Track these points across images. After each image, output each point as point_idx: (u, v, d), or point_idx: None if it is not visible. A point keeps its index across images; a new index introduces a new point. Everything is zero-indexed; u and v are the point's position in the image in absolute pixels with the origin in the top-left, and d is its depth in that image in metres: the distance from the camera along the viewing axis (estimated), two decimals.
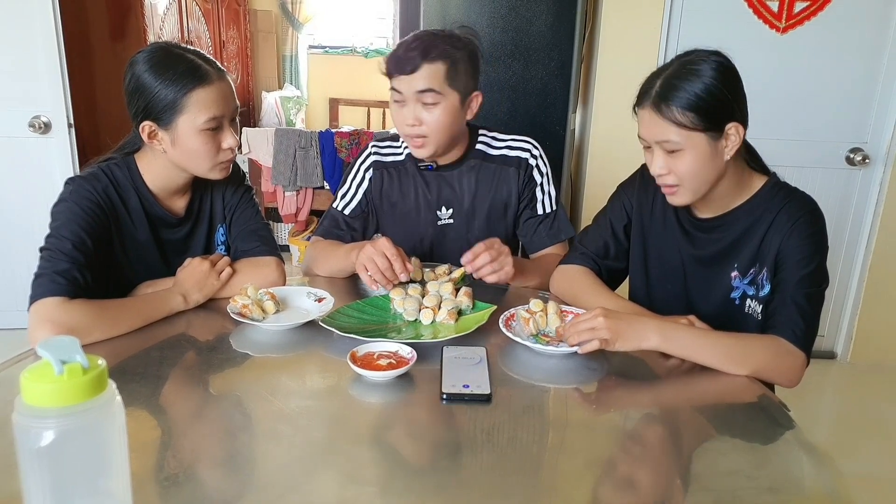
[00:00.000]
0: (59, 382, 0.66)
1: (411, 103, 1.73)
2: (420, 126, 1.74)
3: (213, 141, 1.53)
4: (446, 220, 1.93)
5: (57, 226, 1.44)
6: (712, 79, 1.35)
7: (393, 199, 1.94)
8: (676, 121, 1.36)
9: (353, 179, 1.95)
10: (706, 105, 1.35)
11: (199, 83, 1.49)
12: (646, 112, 1.41)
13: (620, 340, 1.31)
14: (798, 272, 1.39)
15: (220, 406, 1.19)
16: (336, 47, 6.93)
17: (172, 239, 1.66)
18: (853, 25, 3.19)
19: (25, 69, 3.22)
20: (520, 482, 0.98)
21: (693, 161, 1.39)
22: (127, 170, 1.57)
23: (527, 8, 3.07)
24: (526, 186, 1.92)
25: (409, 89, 1.71)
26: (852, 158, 3.32)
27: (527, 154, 1.91)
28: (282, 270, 1.69)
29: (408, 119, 1.73)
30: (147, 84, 1.48)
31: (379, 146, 1.96)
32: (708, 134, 1.37)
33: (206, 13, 5.40)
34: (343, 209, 1.94)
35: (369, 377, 1.23)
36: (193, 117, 1.49)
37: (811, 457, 1.07)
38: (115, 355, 1.32)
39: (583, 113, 3.54)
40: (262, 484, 0.96)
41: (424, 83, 1.70)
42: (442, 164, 1.89)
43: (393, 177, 1.93)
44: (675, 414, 1.23)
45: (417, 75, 1.70)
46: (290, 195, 4.74)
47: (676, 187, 1.44)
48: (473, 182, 1.91)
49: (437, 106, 1.72)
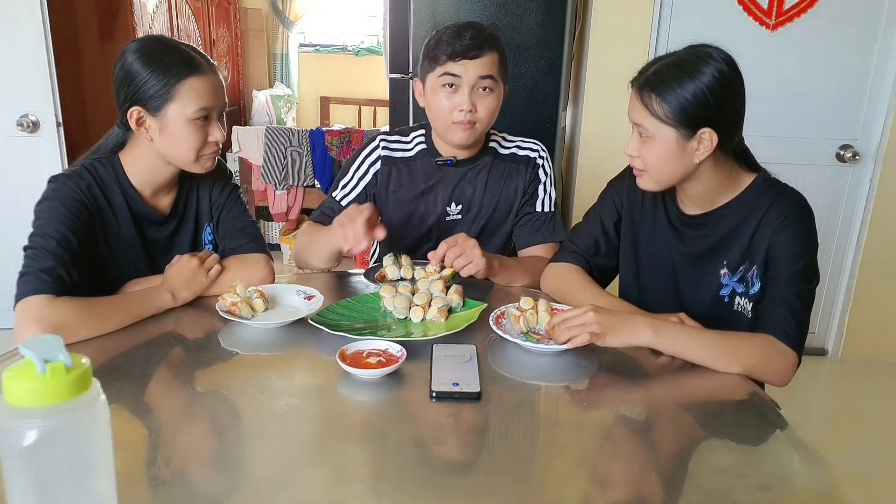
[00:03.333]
0: (42, 382, 0.65)
1: (467, 88, 1.75)
2: (475, 112, 1.77)
3: (201, 132, 1.53)
4: (454, 216, 1.94)
5: (41, 224, 1.43)
6: (705, 85, 1.34)
7: (401, 193, 1.93)
8: (651, 109, 1.38)
9: (356, 172, 1.94)
10: (686, 105, 1.35)
11: (192, 72, 1.49)
12: (633, 92, 1.44)
13: (611, 335, 1.30)
14: (789, 270, 1.39)
15: (208, 404, 1.19)
16: (327, 46, 6.90)
17: (157, 237, 1.65)
18: (843, 22, 3.20)
19: (13, 68, 3.20)
20: (509, 480, 0.98)
21: (659, 152, 1.41)
22: (111, 167, 1.56)
23: (517, 5, 3.06)
24: (531, 184, 1.94)
25: (471, 74, 1.74)
26: (843, 155, 3.34)
27: (535, 154, 1.95)
28: (270, 267, 1.68)
29: (463, 104, 1.75)
30: (137, 71, 1.47)
31: (388, 140, 1.95)
32: (679, 131, 1.37)
33: (196, 11, 5.37)
34: (341, 199, 1.94)
35: (358, 375, 1.23)
36: (184, 106, 1.48)
37: (802, 454, 1.07)
38: (103, 354, 1.31)
39: (573, 111, 3.54)
40: (251, 483, 0.96)
41: (486, 69, 1.74)
42: (460, 158, 1.90)
43: (402, 172, 1.93)
44: (665, 412, 1.23)
45: (480, 61, 1.73)
46: (280, 194, 4.73)
47: (643, 172, 1.47)
48: (486, 178, 1.92)
49: (492, 94, 1.78)
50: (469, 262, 1.61)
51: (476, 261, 1.61)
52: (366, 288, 1.66)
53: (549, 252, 1.88)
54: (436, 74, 1.76)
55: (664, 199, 1.60)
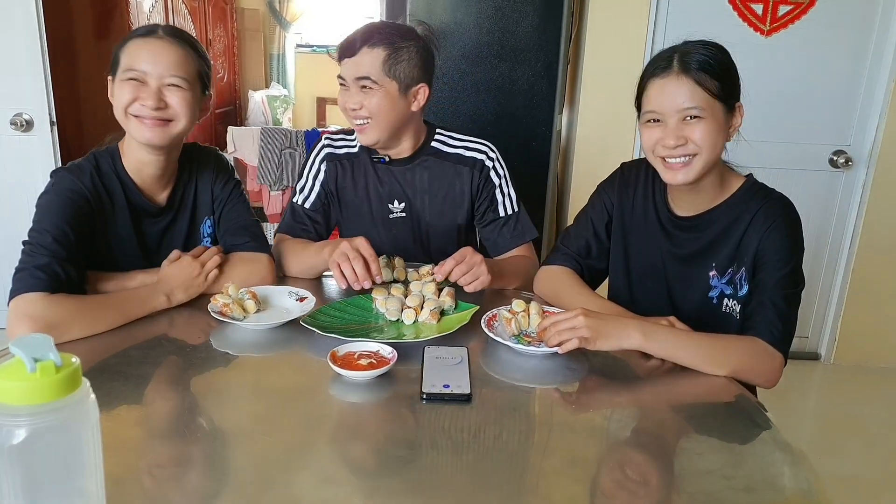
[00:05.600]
0: (32, 380, 0.65)
1: (353, 88, 1.76)
2: (360, 109, 1.76)
3: (128, 93, 1.50)
4: (398, 214, 1.93)
5: (39, 219, 1.43)
6: (726, 57, 1.42)
7: (346, 190, 1.94)
8: (704, 85, 1.38)
9: (309, 172, 1.95)
10: (726, 76, 1.40)
11: (137, 37, 1.52)
12: (669, 79, 1.41)
13: (601, 339, 1.31)
14: (776, 273, 1.41)
15: (199, 405, 1.19)
16: (323, 46, 6.91)
17: (152, 230, 1.64)
18: (837, 28, 3.22)
19: (7, 66, 3.19)
20: (499, 482, 0.98)
21: (713, 130, 1.40)
22: (110, 158, 1.57)
23: (513, 9, 3.07)
24: (483, 188, 1.91)
25: (350, 74, 1.75)
26: (835, 161, 3.35)
27: (483, 156, 1.91)
28: (273, 267, 1.69)
29: (349, 102, 1.77)
30: (118, 46, 1.53)
31: (332, 138, 1.97)
32: (725, 105, 1.41)
33: (193, 11, 5.38)
34: (303, 203, 1.94)
35: (349, 377, 1.23)
36: (121, 67, 1.51)
37: (787, 456, 1.08)
38: (95, 353, 1.31)
39: (569, 114, 3.55)
40: (240, 483, 0.96)
41: (362, 70, 1.73)
42: (394, 157, 1.90)
43: (346, 168, 1.94)
44: (654, 414, 1.24)
45: (357, 59, 1.74)
46: (275, 194, 4.73)
47: (692, 158, 1.42)
48: (426, 178, 1.91)
49: (374, 92, 1.74)
50: (476, 279, 1.61)
51: (482, 278, 1.61)
52: (343, 286, 1.65)
53: (526, 251, 1.91)
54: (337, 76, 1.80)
55: (655, 200, 1.61)
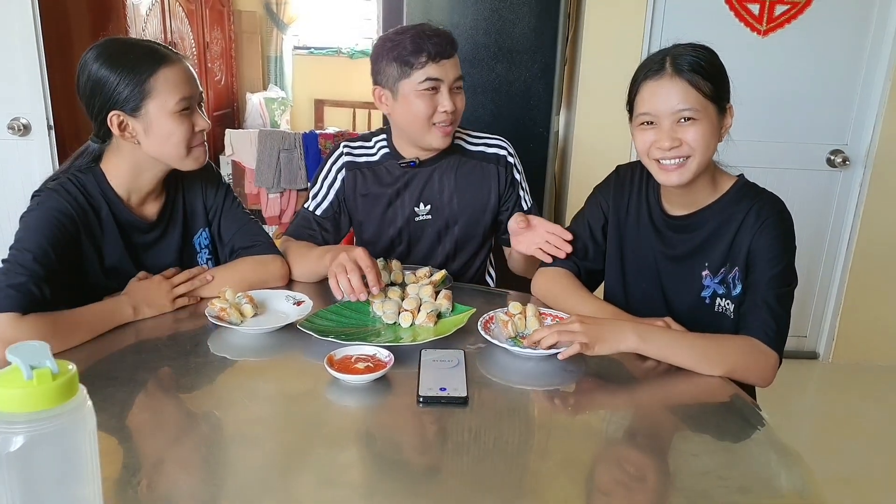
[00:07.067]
0: (29, 387, 0.66)
1: (445, 90, 1.76)
2: (455, 112, 1.79)
3: (187, 123, 1.49)
4: (424, 217, 1.94)
5: (20, 238, 1.39)
6: (716, 59, 1.43)
7: (368, 196, 1.94)
8: (697, 86, 1.40)
9: (325, 180, 1.95)
10: (718, 78, 1.42)
11: (162, 63, 1.45)
12: (662, 82, 1.42)
13: (599, 344, 1.31)
14: (768, 272, 1.42)
15: (196, 410, 1.19)
16: (321, 48, 6.91)
17: (144, 244, 1.61)
18: (833, 28, 3.22)
19: (4, 71, 3.17)
20: (496, 484, 0.99)
21: (706, 131, 1.41)
22: (93, 177, 1.52)
23: (510, 10, 3.07)
24: (510, 186, 1.96)
25: (450, 75, 1.76)
26: (833, 160, 3.35)
27: (504, 152, 1.96)
28: (287, 268, 1.71)
29: (447, 105, 1.76)
30: (105, 77, 1.43)
31: (351, 146, 1.96)
32: (717, 107, 1.43)
33: (190, 14, 5.37)
34: (315, 209, 1.94)
35: (346, 381, 1.23)
36: (164, 100, 1.45)
37: (782, 456, 1.08)
38: (90, 359, 1.32)
39: (566, 115, 3.55)
40: (238, 488, 0.96)
41: (459, 70, 1.78)
42: (423, 159, 1.90)
43: (367, 176, 1.93)
44: (650, 415, 1.24)
45: (454, 61, 1.77)
46: (273, 197, 4.73)
47: (686, 160, 1.43)
48: (453, 179, 1.92)
49: (462, 93, 1.81)
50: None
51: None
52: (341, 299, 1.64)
53: None
54: (415, 80, 1.74)
55: (649, 201, 1.62)
